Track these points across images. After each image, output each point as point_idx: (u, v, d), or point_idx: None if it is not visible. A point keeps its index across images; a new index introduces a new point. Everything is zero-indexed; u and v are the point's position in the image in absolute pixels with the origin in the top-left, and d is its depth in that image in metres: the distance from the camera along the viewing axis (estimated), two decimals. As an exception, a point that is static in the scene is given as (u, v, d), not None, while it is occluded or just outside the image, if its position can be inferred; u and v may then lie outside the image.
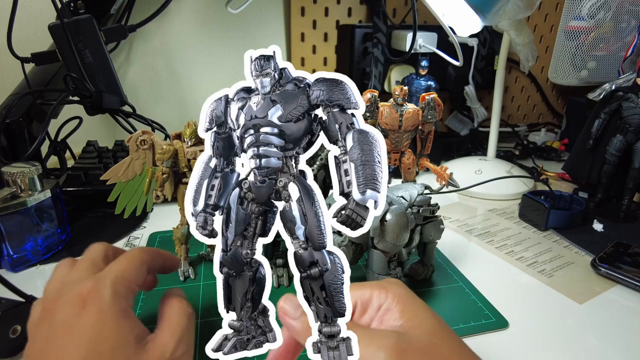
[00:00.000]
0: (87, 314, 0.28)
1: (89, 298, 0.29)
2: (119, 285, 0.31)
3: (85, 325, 0.28)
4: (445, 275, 0.53)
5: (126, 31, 0.74)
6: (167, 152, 0.46)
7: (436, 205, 0.47)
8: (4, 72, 0.78)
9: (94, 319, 0.28)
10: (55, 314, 0.28)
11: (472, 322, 0.44)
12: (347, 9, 0.98)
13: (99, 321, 0.28)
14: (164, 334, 0.30)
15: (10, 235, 0.51)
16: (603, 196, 0.71)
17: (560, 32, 0.82)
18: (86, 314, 0.28)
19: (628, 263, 0.54)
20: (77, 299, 0.29)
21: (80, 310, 0.28)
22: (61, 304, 0.29)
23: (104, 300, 0.29)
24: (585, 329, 0.45)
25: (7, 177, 0.51)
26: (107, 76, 0.70)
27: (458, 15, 0.61)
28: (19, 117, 0.64)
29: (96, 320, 0.28)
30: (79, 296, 0.29)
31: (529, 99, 1.19)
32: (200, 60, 0.97)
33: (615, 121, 0.68)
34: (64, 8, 0.66)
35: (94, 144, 0.78)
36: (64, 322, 0.28)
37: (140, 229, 0.64)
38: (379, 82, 0.91)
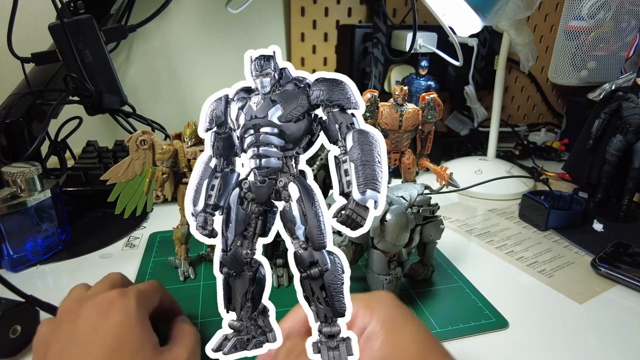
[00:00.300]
0: (113, 315, 0.30)
1: (116, 302, 0.31)
2: (141, 299, 0.33)
3: (111, 324, 0.29)
4: (445, 275, 0.53)
5: (126, 31, 0.74)
6: (167, 152, 0.46)
7: (436, 205, 0.47)
8: (4, 72, 0.78)
9: (119, 319, 0.29)
10: (80, 317, 0.30)
11: (472, 322, 0.44)
12: (347, 9, 0.98)
13: (123, 323, 0.29)
14: (179, 348, 0.33)
15: (10, 235, 0.51)
16: (603, 196, 0.71)
17: (560, 32, 0.82)
18: (113, 314, 0.30)
19: (628, 263, 0.54)
20: (103, 302, 0.31)
21: (106, 311, 0.30)
22: (86, 308, 0.30)
23: (130, 306, 0.31)
24: (585, 329, 0.45)
25: (7, 177, 0.51)
26: (107, 76, 0.70)
27: (458, 15, 0.61)
28: (19, 117, 0.64)
29: (121, 321, 0.29)
30: (105, 300, 0.31)
31: (529, 99, 1.20)
32: (200, 60, 0.97)
33: (615, 121, 0.68)
34: (64, 8, 0.66)
35: (94, 144, 0.78)
36: (88, 322, 0.29)
37: (140, 229, 0.64)
38: (379, 82, 0.91)
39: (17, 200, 0.50)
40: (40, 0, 0.81)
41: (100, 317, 0.30)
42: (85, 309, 0.30)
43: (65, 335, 0.29)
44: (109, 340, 0.28)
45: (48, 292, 0.47)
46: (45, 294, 0.41)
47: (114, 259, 0.56)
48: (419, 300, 0.47)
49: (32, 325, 0.40)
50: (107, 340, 0.28)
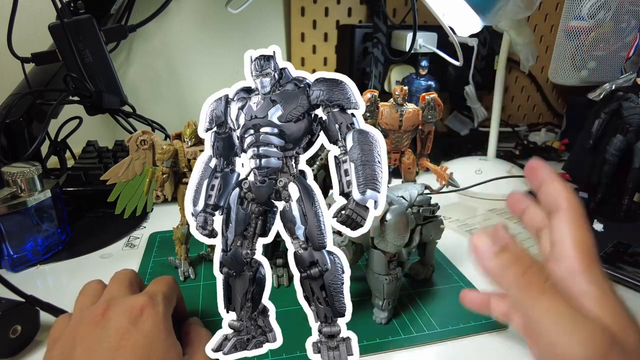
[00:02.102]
0: (144, 323, 0.30)
1: (146, 310, 0.31)
2: (167, 305, 0.33)
3: (141, 333, 0.30)
4: (445, 275, 0.53)
5: (126, 31, 0.74)
6: (167, 152, 0.46)
7: (436, 205, 0.47)
8: (4, 72, 0.78)
9: (148, 329, 0.30)
10: (110, 321, 0.30)
11: (472, 322, 0.44)
12: (347, 9, 0.98)
13: (152, 332, 0.30)
14: (200, 357, 0.33)
15: (10, 235, 0.51)
16: (603, 196, 0.71)
17: (560, 32, 0.82)
18: (143, 323, 0.30)
19: (628, 263, 0.53)
20: (133, 309, 0.31)
21: (136, 319, 0.30)
22: (115, 313, 0.31)
23: (159, 314, 0.31)
24: (585, 329, 0.45)
25: (7, 177, 0.51)
26: (107, 76, 0.70)
27: (458, 15, 0.61)
28: (19, 117, 0.64)
29: (150, 330, 0.30)
30: (137, 307, 0.31)
31: (529, 99, 1.19)
32: (200, 60, 0.97)
33: (615, 121, 0.68)
34: (64, 8, 0.66)
35: (94, 144, 0.78)
36: (120, 327, 0.30)
37: (140, 229, 0.64)
38: (379, 82, 0.91)
39: (17, 200, 0.50)
40: (40, 0, 0.81)
41: (131, 324, 0.30)
42: (115, 314, 0.31)
43: (96, 337, 0.29)
44: (139, 349, 0.29)
45: (48, 292, 0.47)
46: (45, 294, 0.41)
47: (114, 259, 0.56)
48: (419, 300, 0.47)
49: (32, 325, 0.40)
50: (138, 350, 0.29)
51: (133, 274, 0.37)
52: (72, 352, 0.29)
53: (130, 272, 0.37)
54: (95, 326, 0.30)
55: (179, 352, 0.31)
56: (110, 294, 0.33)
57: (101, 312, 0.31)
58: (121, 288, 0.34)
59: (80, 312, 0.32)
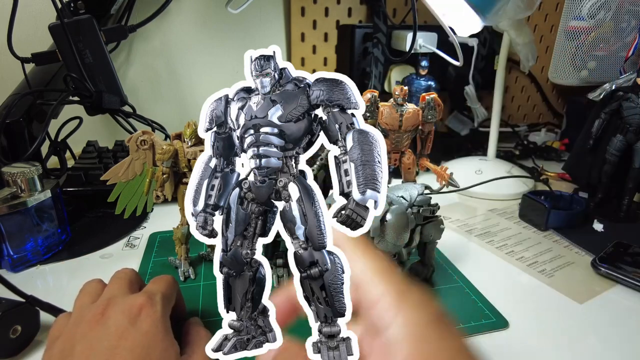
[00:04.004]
0: (142, 323, 0.30)
1: (144, 309, 0.31)
2: (165, 305, 0.33)
3: (140, 333, 0.30)
4: (445, 275, 0.53)
5: (126, 31, 0.74)
6: (167, 152, 0.46)
7: (436, 205, 0.47)
8: (4, 72, 0.78)
9: (146, 328, 0.30)
10: (110, 320, 0.30)
11: (472, 322, 0.44)
12: (347, 9, 0.98)
13: (151, 332, 0.30)
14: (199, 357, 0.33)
15: (11, 235, 0.51)
16: (603, 196, 0.71)
17: (560, 32, 0.82)
18: (140, 322, 0.30)
19: (628, 263, 0.54)
20: (133, 308, 0.31)
21: (135, 318, 0.31)
22: (115, 311, 0.31)
23: (157, 314, 0.32)
24: (585, 329, 0.45)
25: (7, 177, 0.51)
26: (107, 76, 0.70)
27: (458, 15, 0.61)
28: (19, 117, 0.64)
29: (149, 329, 0.30)
30: (135, 306, 0.31)
31: (529, 99, 1.19)
32: (200, 60, 0.97)
33: (615, 121, 0.68)
34: (64, 8, 0.66)
35: (94, 144, 0.78)
36: (119, 326, 0.30)
37: (140, 229, 0.64)
38: (379, 82, 0.91)
39: (17, 201, 0.50)
40: (40, 0, 0.81)
41: (130, 323, 0.30)
42: (114, 313, 0.31)
43: (95, 336, 0.30)
44: (138, 348, 0.29)
45: (48, 292, 0.47)
46: (45, 294, 0.41)
47: (114, 259, 0.56)
48: (419, 300, 0.47)
49: (32, 325, 0.40)
50: (137, 349, 0.29)
51: (133, 273, 0.37)
52: (71, 350, 0.29)
53: (130, 271, 0.37)
54: (95, 325, 0.30)
55: (176, 351, 0.31)
56: (110, 293, 0.33)
57: (101, 311, 0.31)
58: (121, 287, 0.34)
59: (80, 311, 0.33)
